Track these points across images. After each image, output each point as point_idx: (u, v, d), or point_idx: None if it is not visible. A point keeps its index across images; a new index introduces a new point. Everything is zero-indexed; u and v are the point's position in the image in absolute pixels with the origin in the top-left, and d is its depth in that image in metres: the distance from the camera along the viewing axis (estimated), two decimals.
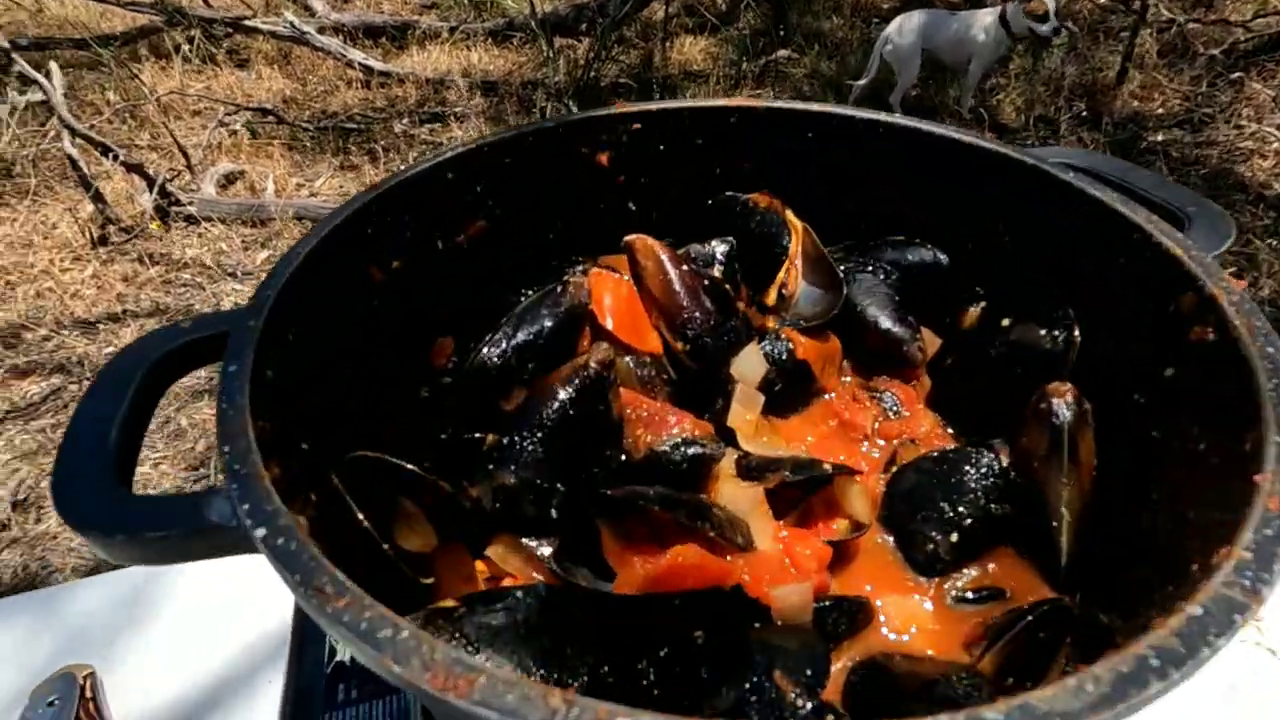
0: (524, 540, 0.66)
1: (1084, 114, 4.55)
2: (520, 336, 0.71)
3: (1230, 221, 0.73)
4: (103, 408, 0.54)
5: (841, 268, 0.90)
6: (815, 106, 0.94)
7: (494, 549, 0.66)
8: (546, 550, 0.66)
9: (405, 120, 5.30)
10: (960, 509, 0.70)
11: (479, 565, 0.67)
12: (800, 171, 0.99)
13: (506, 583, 0.66)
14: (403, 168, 0.83)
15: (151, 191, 4.18)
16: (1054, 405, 0.70)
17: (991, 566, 0.71)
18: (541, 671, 0.54)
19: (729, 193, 1.01)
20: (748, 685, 0.54)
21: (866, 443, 0.82)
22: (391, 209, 0.80)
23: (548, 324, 0.73)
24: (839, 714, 0.57)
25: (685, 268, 0.81)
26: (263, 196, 4.50)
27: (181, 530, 0.47)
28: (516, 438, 0.65)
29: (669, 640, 0.60)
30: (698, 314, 0.79)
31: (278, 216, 4.31)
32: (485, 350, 0.70)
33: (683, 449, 0.69)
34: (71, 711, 0.88)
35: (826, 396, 0.87)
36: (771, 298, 0.88)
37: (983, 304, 0.87)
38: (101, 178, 4.33)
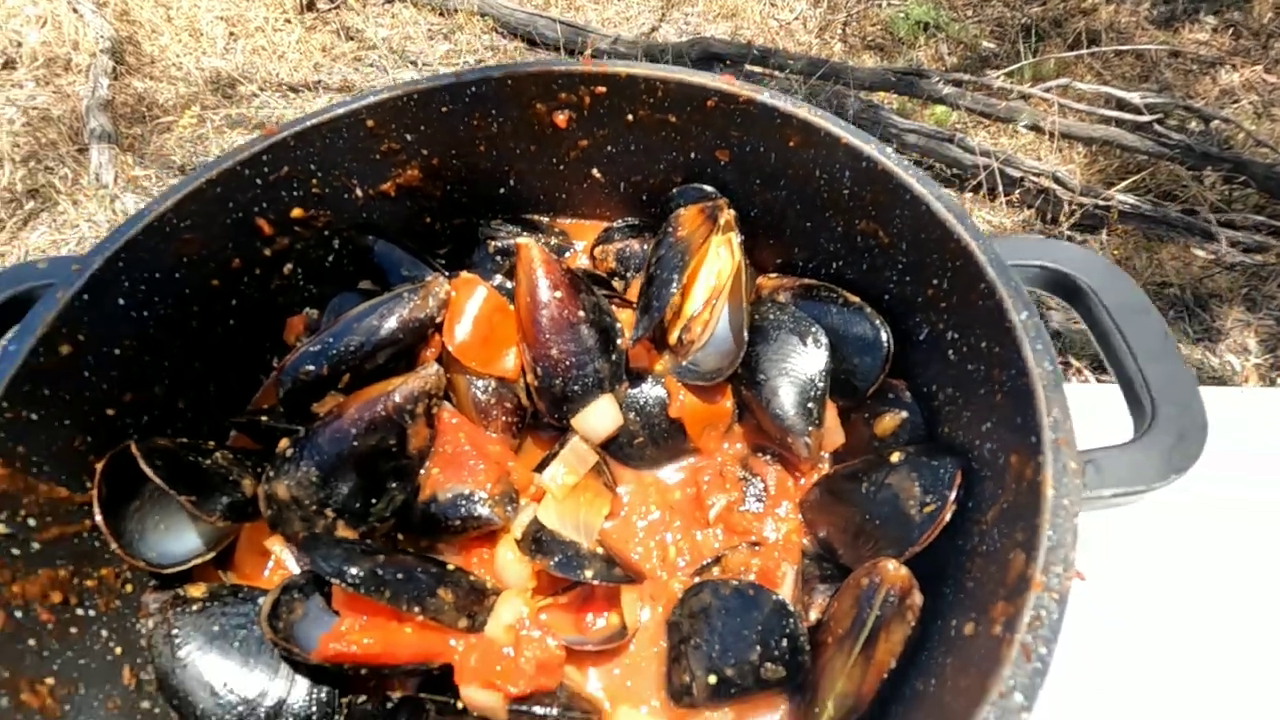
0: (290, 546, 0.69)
1: None
2: (341, 344, 0.69)
3: (1200, 445, 0.53)
4: None
5: (773, 315, 0.77)
6: (805, 112, 0.75)
7: (273, 540, 0.70)
8: (302, 565, 0.68)
9: None
10: (730, 655, 0.63)
11: (266, 544, 0.72)
12: (779, 183, 0.82)
13: (279, 576, 0.70)
14: (310, 112, 0.78)
15: None
16: (873, 587, 0.59)
17: (748, 715, 0.65)
18: (231, 686, 0.60)
19: (695, 185, 0.87)
20: None
21: (709, 529, 0.75)
22: (292, 158, 0.77)
23: (380, 332, 0.70)
24: None
25: (560, 294, 0.73)
26: None
27: None
28: (302, 452, 0.66)
29: (366, 689, 0.63)
30: (555, 351, 0.72)
31: (462, 9, 4.30)
32: (304, 350, 0.69)
33: (462, 507, 0.67)
34: None
35: (695, 459, 0.78)
36: (673, 337, 0.78)
37: (904, 415, 0.72)
38: None
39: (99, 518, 0.60)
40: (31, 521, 0.55)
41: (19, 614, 0.52)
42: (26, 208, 3.40)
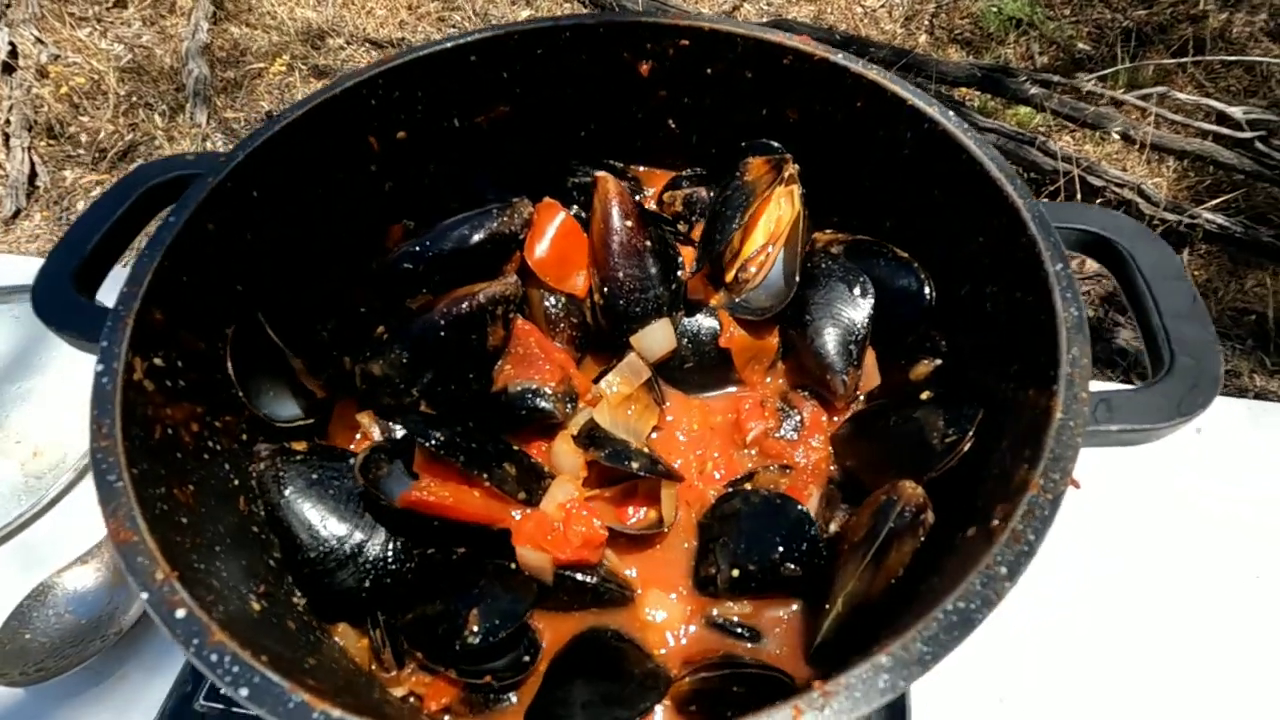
0: (381, 418, 0.79)
1: None
2: (436, 247, 0.78)
3: (1211, 395, 0.57)
4: (91, 222, 0.72)
5: (825, 264, 0.83)
6: (874, 74, 0.80)
7: (362, 415, 0.81)
8: (399, 434, 0.79)
9: None
10: (753, 553, 0.71)
11: (358, 418, 0.82)
12: (843, 142, 0.87)
13: (363, 444, 0.81)
14: (421, 43, 0.87)
15: None
16: (890, 503, 0.66)
17: (764, 611, 0.73)
18: (325, 525, 0.70)
19: (764, 140, 0.93)
20: (450, 608, 0.66)
21: (746, 450, 0.82)
22: (403, 84, 0.86)
23: (469, 241, 0.79)
24: (520, 661, 0.67)
25: (631, 223, 0.80)
26: None
27: (87, 338, 0.66)
28: (396, 337, 0.76)
29: (439, 543, 0.73)
30: (621, 274, 0.80)
31: None
32: (403, 250, 0.79)
33: (529, 399, 0.76)
34: None
35: (739, 389, 0.85)
36: (730, 275, 0.84)
37: (938, 362, 0.77)
38: None
39: (230, 371, 0.71)
40: (179, 363, 0.66)
41: (169, 430, 0.62)
42: (126, 140, 3.62)
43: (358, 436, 0.83)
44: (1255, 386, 2.45)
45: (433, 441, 0.67)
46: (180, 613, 0.48)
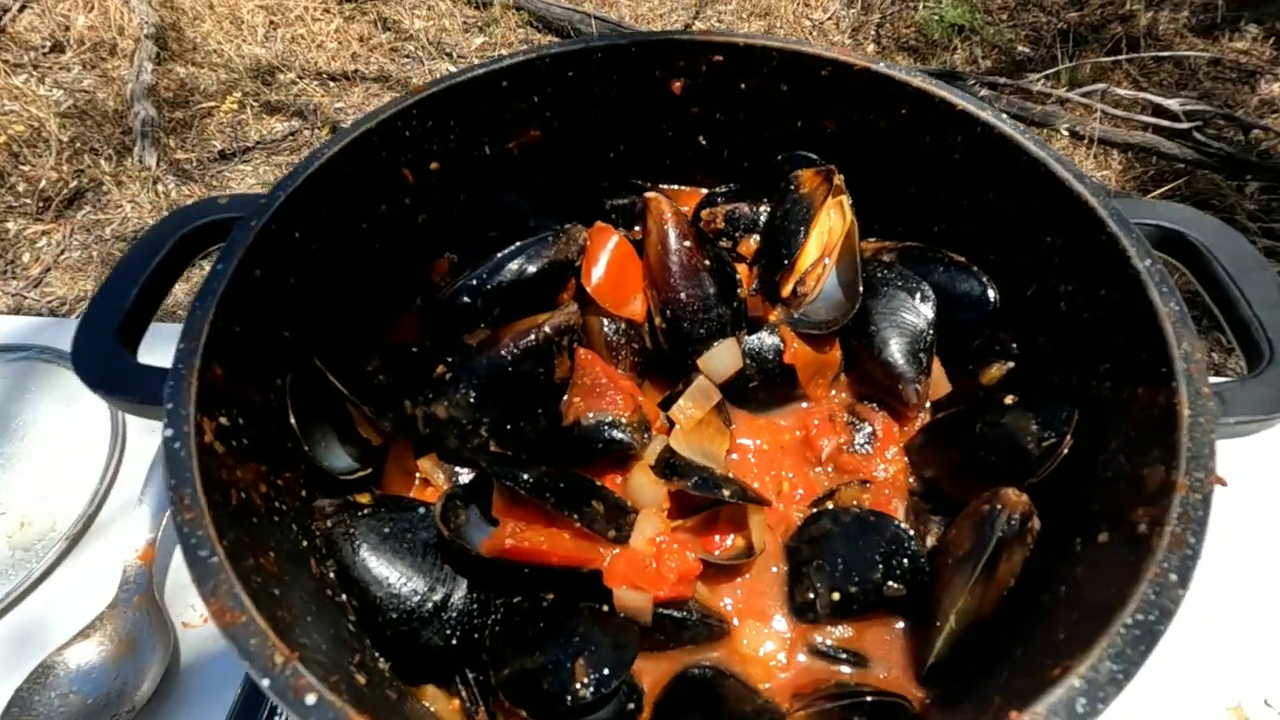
0: (446, 462, 0.75)
1: None
2: (495, 279, 0.75)
3: None
4: (129, 274, 0.67)
5: (881, 273, 0.83)
6: (920, 81, 0.81)
7: (424, 461, 0.76)
8: (465, 478, 0.75)
9: None
10: (853, 574, 0.69)
11: (419, 465, 0.78)
12: (886, 149, 0.87)
13: (429, 493, 0.76)
14: (453, 70, 0.84)
15: None
16: (995, 512, 0.65)
17: (868, 633, 0.70)
18: (405, 582, 0.65)
19: (800, 152, 0.92)
20: (553, 660, 0.62)
21: (820, 468, 0.80)
22: (436, 113, 0.83)
23: (527, 270, 0.76)
24: (625, 710, 0.64)
25: (689, 243, 0.78)
26: None
27: (145, 401, 0.60)
28: (460, 376, 0.72)
29: (524, 591, 0.69)
30: (684, 295, 0.78)
31: (498, 3, 4.36)
32: (460, 284, 0.75)
33: (604, 431, 0.73)
34: None
35: (806, 405, 0.84)
36: (786, 290, 0.83)
37: (1010, 365, 0.77)
38: None
39: (293, 423, 0.66)
40: (241, 420, 0.61)
41: (243, 494, 0.57)
42: (71, 186, 3.46)
43: (416, 483, 0.78)
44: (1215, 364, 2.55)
45: (523, 484, 0.63)
46: (311, 699, 0.43)
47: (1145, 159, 3.20)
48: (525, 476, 0.64)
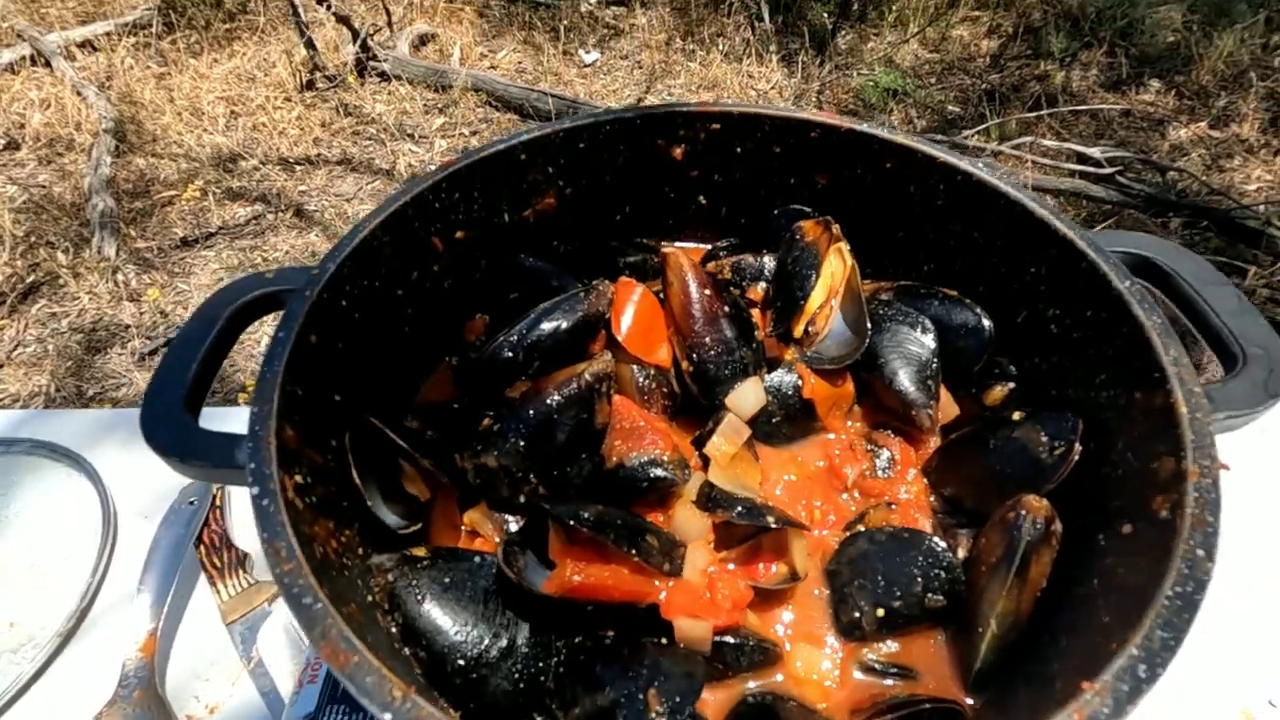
0: (497, 512, 0.77)
1: None
2: (534, 334, 0.80)
3: None
4: (189, 347, 0.69)
5: (881, 310, 0.90)
6: (902, 138, 0.90)
7: (472, 513, 0.79)
8: (513, 526, 0.77)
9: (593, 1, 5.29)
10: (895, 589, 0.73)
11: (467, 518, 0.80)
12: (874, 199, 0.96)
13: (478, 544, 0.78)
14: (477, 146, 0.90)
15: (355, 44, 4.52)
16: (1020, 518, 0.70)
17: (913, 646, 0.74)
18: (469, 630, 0.67)
19: (795, 206, 1.01)
20: (625, 694, 0.64)
21: (846, 494, 0.85)
22: (462, 185, 0.89)
23: (563, 325, 0.81)
24: None
25: (709, 291, 0.85)
26: (449, 63, 4.74)
27: (217, 465, 0.62)
28: (508, 426, 0.75)
29: (585, 630, 0.71)
30: (708, 340, 0.83)
31: (458, 85, 4.52)
32: (500, 340, 0.80)
33: (648, 469, 0.76)
34: (203, 514, 1.11)
35: (825, 436, 0.89)
36: (798, 331, 0.89)
37: (1011, 385, 0.84)
38: (315, 25, 4.74)
39: (356, 480, 0.68)
40: (309, 478, 0.63)
41: (320, 550, 0.59)
42: (27, 281, 3.41)
43: (463, 535, 0.80)
44: None
45: (585, 522, 0.66)
46: None
47: (1076, 202, 3.44)
48: (586, 515, 0.67)
